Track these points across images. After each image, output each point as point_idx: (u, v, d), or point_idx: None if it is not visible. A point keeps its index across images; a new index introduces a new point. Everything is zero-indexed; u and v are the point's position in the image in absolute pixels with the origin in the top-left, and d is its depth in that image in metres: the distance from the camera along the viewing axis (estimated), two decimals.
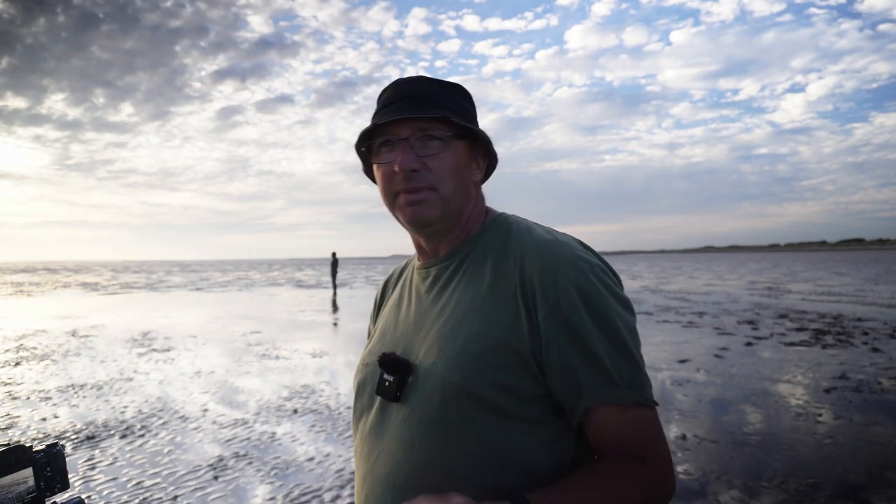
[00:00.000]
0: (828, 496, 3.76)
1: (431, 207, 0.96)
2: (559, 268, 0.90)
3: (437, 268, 1.03)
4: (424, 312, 1.01)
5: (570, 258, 0.91)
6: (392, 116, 0.94)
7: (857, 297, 18.12)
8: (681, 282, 29.85)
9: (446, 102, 0.98)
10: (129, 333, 12.14)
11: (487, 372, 0.88)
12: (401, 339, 1.01)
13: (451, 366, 0.90)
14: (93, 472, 4.29)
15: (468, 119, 1.00)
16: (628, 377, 0.87)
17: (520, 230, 1.00)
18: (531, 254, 0.93)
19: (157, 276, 53.58)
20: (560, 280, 0.89)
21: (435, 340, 0.94)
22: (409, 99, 0.97)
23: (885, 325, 11.74)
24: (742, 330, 11.34)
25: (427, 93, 0.98)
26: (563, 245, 0.94)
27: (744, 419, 5.46)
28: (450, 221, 1.00)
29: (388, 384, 0.95)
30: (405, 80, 1.01)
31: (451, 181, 0.97)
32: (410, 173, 0.94)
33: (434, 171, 0.95)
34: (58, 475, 0.89)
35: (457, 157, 0.98)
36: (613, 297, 0.91)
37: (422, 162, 0.95)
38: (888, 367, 7.66)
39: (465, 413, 0.88)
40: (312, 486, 3.98)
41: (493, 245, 0.99)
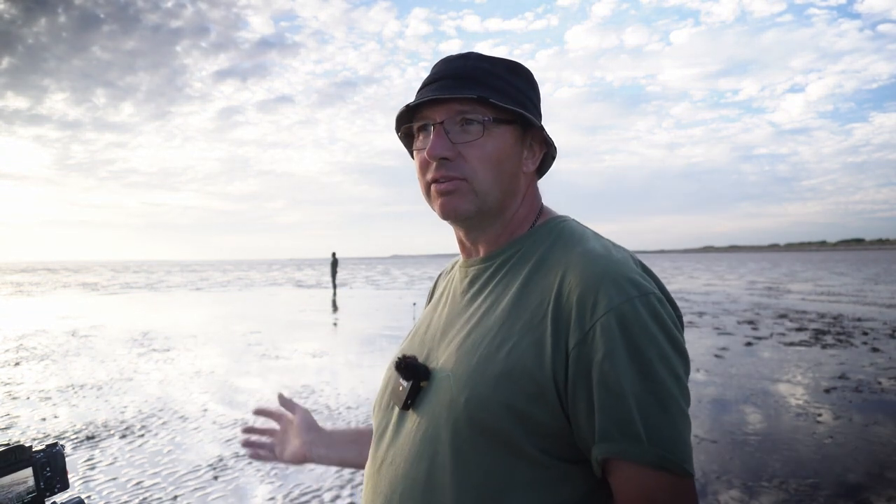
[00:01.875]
0: (828, 496, 3.76)
1: (464, 200, 0.86)
2: (603, 289, 0.77)
3: (475, 268, 0.94)
4: (455, 316, 0.92)
5: (620, 279, 0.78)
6: (425, 97, 0.85)
7: (857, 297, 18.12)
8: (680, 282, 29.86)
9: (493, 82, 0.87)
10: (128, 333, 12.14)
11: (498, 398, 0.78)
12: (429, 341, 0.94)
13: (462, 384, 0.81)
14: (93, 472, 4.29)
15: (520, 101, 0.88)
16: (658, 433, 0.73)
17: (570, 238, 0.87)
18: (575, 268, 0.81)
19: (157, 276, 53.58)
20: (601, 303, 0.76)
21: (454, 350, 0.86)
22: (449, 78, 0.87)
23: (885, 325, 11.74)
24: (742, 330, 11.34)
25: (472, 70, 0.87)
26: (615, 262, 0.80)
27: (744, 419, 5.46)
28: (489, 217, 0.89)
29: (401, 390, 0.88)
30: (453, 56, 0.90)
31: (489, 172, 0.86)
32: (442, 161, 0.85)
33: (469, 160, 0.85)
34: (58, 475, 0.89)
35: (499, 144, 0.86)
36: (664, 334, 0.77)
37: (456, 150, 0.85)
38: (888, 367, 7.66)
39: (469, 438, 0.79)
40: (312, 486, 3.98)
41: (537, 252, 0.88)
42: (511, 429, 0.77)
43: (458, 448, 0.80)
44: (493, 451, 0.78)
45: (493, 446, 0.78)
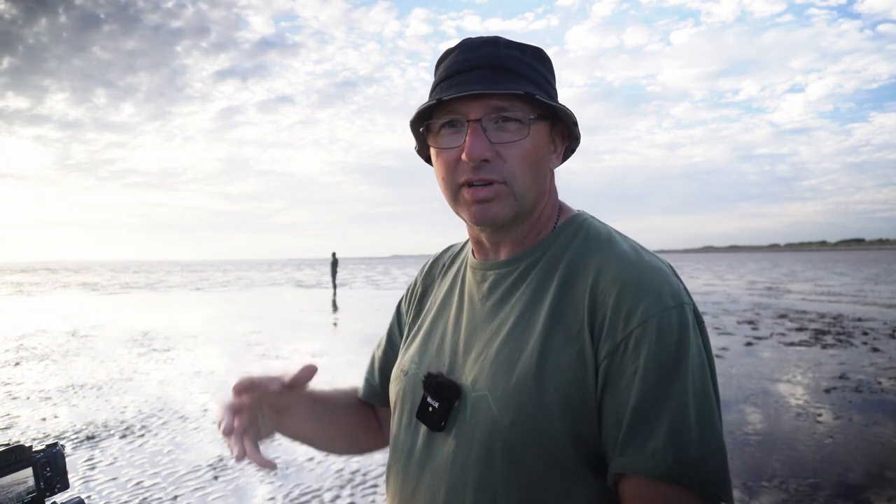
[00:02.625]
0: (828, 496, 3.76)
1: (503, 205, 0.80)
2: (641, 297, 0.72)
3: (495, 273, 0.86)
4: (478, 326, 0.85)
5: (658, 287, 0.73)
6: (462, 91, 0.76)
7: (857, 297, 18.12)
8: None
9: (529, 73, 0.79)
10: (128, 333, 12.14)
11: (544, 416, 0.73)
12: (449, 353, 0.86)
13: (504, 405, 0.75)
14: (93, 472, 4.29)
15: (551, 93, 0.82)
16: (684, 450, 0.67)
17: (598, 239, 0.82)
18: (610, 273, 0.76)
19: (157, 276, 53.58)
20: (637, 312, 0.72)
21: (488, 366, 0.79)
22: (483, 69, 0.78)
23: (885, 325, 11.74)
24: (742, 330, 11.34)
25: (505, 60, 0.79)
26: (652, 269, 0.76)
27: (744, 419, 5.46)
28: (522, 219, 0.84)
29: (433, 410, 0.81)
30: (475, 41, 0.81)
31: (529, 174, 0.80)
32: (481, 163, 0.77)
33: (508, 160, 0.78)
34: (58, 475, 0.89)
35: (536, 142, 0.80)
36: (700, 348, 0.73)
37: (495, 150, 0.78)
38: (888, 367, 7.66)
39: (518, 461, 0.74)
40: (312, 486, 3.97)
41: (566, 254, 0.82)
42: (563, 448, 0.73)
43: (506, 473, 0.75)
44: (546, 473, 0.74)
45: (545, 468, 0.73)
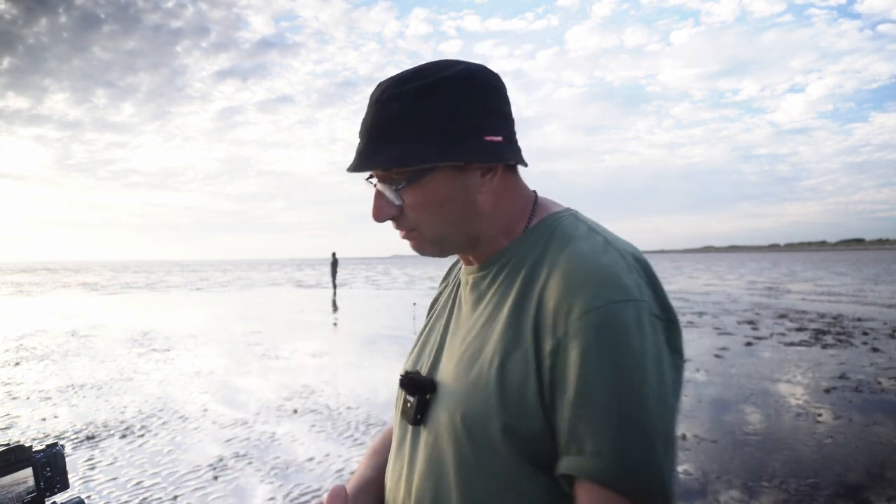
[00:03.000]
0: (828, 496, 3.76)
1: (425, 246, 0.86)
2: (581, 292, 0.71)
3: (474, 276, 0.90)
4: (457, 326, 0.90)
5: (602, 281, 0.72)
6: (348, 166, 0.83)
7: (857, 297, 18.12)
8: (681, 282, 29.86)
9: (408, 129, 0.78)
10: (128, 333, 12.14)
11: (491, 414, 0.75)
12: (436, 352, 0.92)
13: (458, 401, 0.79)
14: (93, 472, 4.29)
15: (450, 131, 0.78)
16: (623, 454, 0.67)
17: (561, 237, 0.82)
18: (557, 271, 0.76)
19: (157, 276, 53.59)
20: (576, 308, 0.71)
21: (455, 363, 0.84)
22: (363, 138, 0.82)
23: (885, 325, 11.74)
24: (742, 330, 11.34)
25: (382, 123, 0.79)
26: (599, 264, 0.74)
27: (744, 419, 5.46)
28: (461, 247, 0.88)
29: (409, 405, 0.87)
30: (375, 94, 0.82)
31: (433, 221, 0.83)
32: (391, 220, 0.85)
33: (410, 215, 0.83)
34: (58, 475, 0.89)
35: (431, 193, 0.81)
36: (645, 345, 0.70)
37: (398, 208, 0.83)
38: (888, 367, 7.66)
39: (470, 455, 0.77)
40: (312, 486, 3.98)
41: (531, 256, 0.83)
42: (509, 445, 0.75)
43: (460, 465, 0.78)
44: (495, 468, 0.76)
45: (494, 463, 0.76)
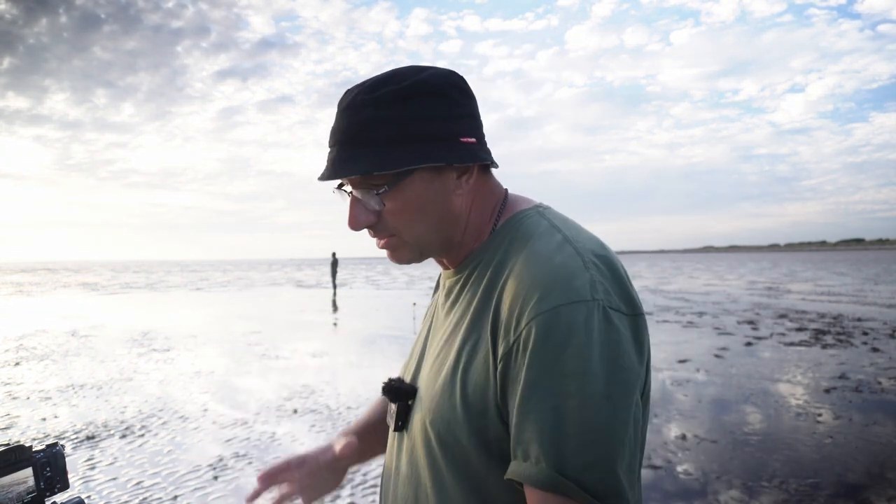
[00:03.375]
0: (828, 496, 3.76)
1: (403, 252, 0.85)
2: (531, 296, 0.70)
3: (449, 281, 0.91)
4: (434, 331, 0.92)
5: (551, 284, 0.70)
6: (321, 178, 0.81)
7: (857, 297, 18.13)
8: (681, 282, 29.85)
9: (380, 133, 0.77)
10: (128, 333, 12.14)
11: (457, 419, 0.76)
12: (418, 358, 0.93)
13: (429, 405, 0.80)
14: (93, 472, 4.29)
15: (421, 132, 0.78)
16: (562, 456, 0.65)
17: (522, 237, 0.81)
18: (513, 274, 0.76)
19: (157, 276, 53.59)
20: (527, 311, 0.70)
21: (428, 370, 0.85)
22: (335, 146, 0.80)
23: (885, 325, 11.74)
24: (742, 330, 11.34)
25: (354, 129, 0.78)
26: (552, 266, 0.73)
27: (744, 419, 5.46)
28: (438, 252, 0.88)
29: (391, 412, 0.89)
30: (343, 102, 0.81)
31: (412, 225, 0.82)
32: (368, 228, 0.84)
33: (389, 220, 0.82)
34: (58, 475, 0.89)
35: (411, 196, 0.80)
36: (595, 346, 0.67)
37: (375, 214, 0.82)
38: (888, 367, 7.67)
39: (441, 460, 0.79)
40: None
41: (495, 258, 0.83)
42: (477, 449, 0.75)
43: (434, 470, 0.80)
44: (466, 473, 0.77)
45: (465, 468, 0.76)
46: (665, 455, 4.52)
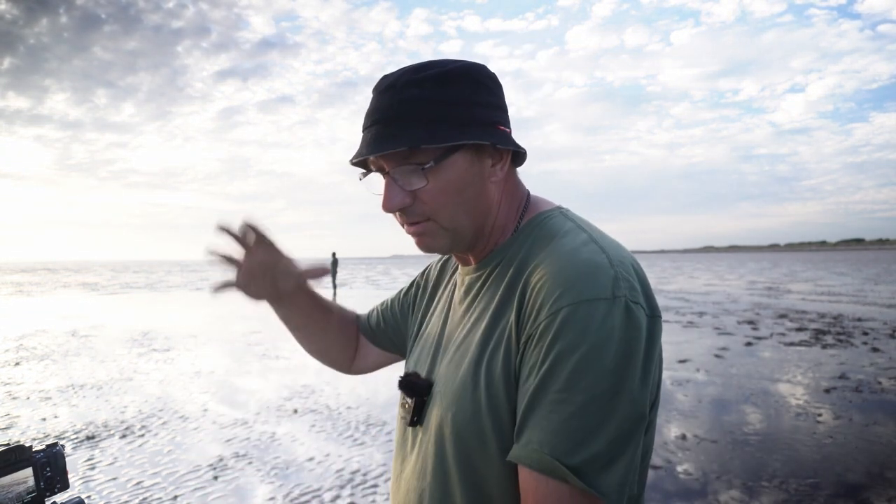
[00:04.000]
0: (828, 496, 3.76)
1: (436, 238, 0.84)
2: (555, 289, 0.71)
3: (469, 277, 0.91)
4: (452, 327, 0.91)
5: (576, 279, 0.71)
6: (358, 156, 0.81)
7: (857, 297, 18.12)
8: (681, 282, 29.85)
9: (426, 111, 0.78)
10: (129, 333, 12.14)
11: (478, 412, 0.77)
12: (432, 354, 0.93)
13: (450, 401, 0.81)
14: (93, 472, 4.29)
15: (463, 116, 0.79)
16: (562, 442, 0.66)
17: (547, 235, 0.83)
18: (539, 268, 0.77)
19: (157, 276, 53.60)
20: (549, 304, 0.71)
21: (447, 365, 0.86)
22: (378, 124, 0.80)
23: (885, 325, 11.74)
24: (742, 330, 11.34)
25: (399, 108, 0.78)
26: (581, 263, 0.73)
27: (744, 419, 5.46)
28: (469, 241, 0.87)
29: (407, 407, 0.89)
30: (382, 85, 0.82)
31: (450, 207, 0.82)
32: (402, 209, 0.83)
33: (427, 202, 0.81)
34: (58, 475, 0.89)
35: (452, 176, 0.80)
36: (612, 343, 0.68)
37: (412, 195, 0.81)
38: (888, 367, 7.66)
39: (463, 454, 0.79)
40: (312, 486, 3.98)
41: (518, 256, 0.84)
42: (497, 444, 0.76)
43: (457, 462, 0.80)
44: (488, 468, 0.77)
45: (487, 463, 0.77)
46: (665, 455, 4.52)
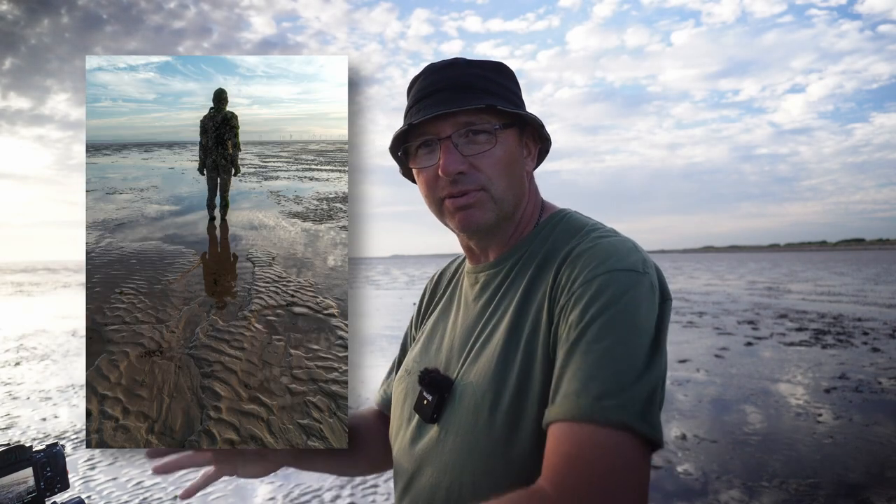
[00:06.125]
0: (828, 496, 3.76)
1: (484, 211, 0.86)
2: (589, 263, 0.77)
3: (485, 274, 0.93)
4: (470, 324, 0.91)
5: (608, 254, 0.77)
6: (429, 113, 0.82)
7: (857, 297, 18.12)
8: (681, 282, 29.85)
9: (490, 87, 0.85)
10: None
11: (522, 394, 0.78)
12: (446, 351, 0.93)
13: (485, 390, 0.81)
14: (93, 472, 4.29)
15: (515, 102, 0.88)
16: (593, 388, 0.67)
17: (571, 228, 0.88)
18: (573, 251, 0.81)
19: None
20: (583, 274, 0.76)
21: (474, 358, 0.85)
22: (446, 90, 0.84)
23: (885, 325, 11.74)
24: (742, 330, 11.34)
25: (466, 78, 0.85)
26: (611, 242, 0.80)
27: (744, 419, 5.46)
28: (505, 222, 0.89)
29: (427, 403, 0.87)
30: (438, 65, 0.88)
31: (504, 179, 0.85)
32: (458, 176, 0.83)
33: (483, 170, 0.84)
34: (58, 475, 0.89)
35: (507, 148, 0.85)
36: (643, 309, 0.73)
37: (468, 162, 0.83)
38: (888, 367, 7.67)
39: (503, 434, 0.78)
40: (313, 486, 3.98)
41: (542, 249, 0.87)
42: (537, 428, 0.75)
43: (490, 452, 0.79)
44: (524, 452, 0.77)
45: (523, 446, 0.77)
46: (665, 455, 4.52)
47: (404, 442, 0.92)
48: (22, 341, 11.14)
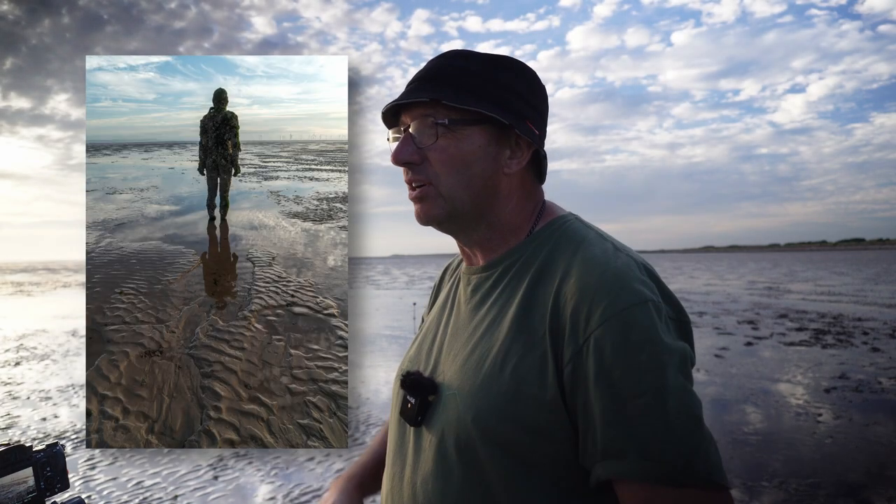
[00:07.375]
0: (828, 496, 3.76)
1: (432, 205, 0.84)
2: (598, 299, 0.73)
3: (477, 277, 0.90)
4: (460, 327, 0.89)
5: (616, 288, 0.73)
6: (387, 104, 0.85)
7: (857, 297, 18.12)
8: (681, 282, 29.84)
9: (463, 80, 0.82)
10: None
11: (504, 416, 0.75)
12: (435, 352, 0.91)
13: (469, 403, 0.78)
14: (93, 472, 4.29)
15: (497, 98, 0.82)
16: (656, 447, 0.68)
17: (570, 241, 0.83)
18: (572, 276, 0.77)
19: None
20: (595, 315, 0.72)
21: (460, 366, 0.83)
22: (416, 82, 0.84)
23: (885, 325, 11.74)
24: (742, 330, 11.34)
25: (440, 70, 0.83)
26: (613, 270, 0.75)
27: (744, 419, 5.46)
28: (467, 220, 0.86)
29: (410, 406, 0.86)
30: (440, 55, 0.87)
31: (453, 175, 0.82)
32: (408, 166, 0.84)
33: (433, 163, 0.82)
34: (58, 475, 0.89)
35: (464, 146, 0.82)
36: (669, 341, 0.72)
37: (421, 154, 0.83)
38: (888, 367, 7.66)
39: (481, 455, 0.77)
40: (313, 486, 3.98)
41: (538, 258, 0.83)
42: (524, 442, 0.75)
43: (470, 466, 0.78)
44: (508, 466, 0.76)
45: (508, 460, 0.76)
46: None
47: (393, 446, 0.91)
48: (22, 341, 11.14)
